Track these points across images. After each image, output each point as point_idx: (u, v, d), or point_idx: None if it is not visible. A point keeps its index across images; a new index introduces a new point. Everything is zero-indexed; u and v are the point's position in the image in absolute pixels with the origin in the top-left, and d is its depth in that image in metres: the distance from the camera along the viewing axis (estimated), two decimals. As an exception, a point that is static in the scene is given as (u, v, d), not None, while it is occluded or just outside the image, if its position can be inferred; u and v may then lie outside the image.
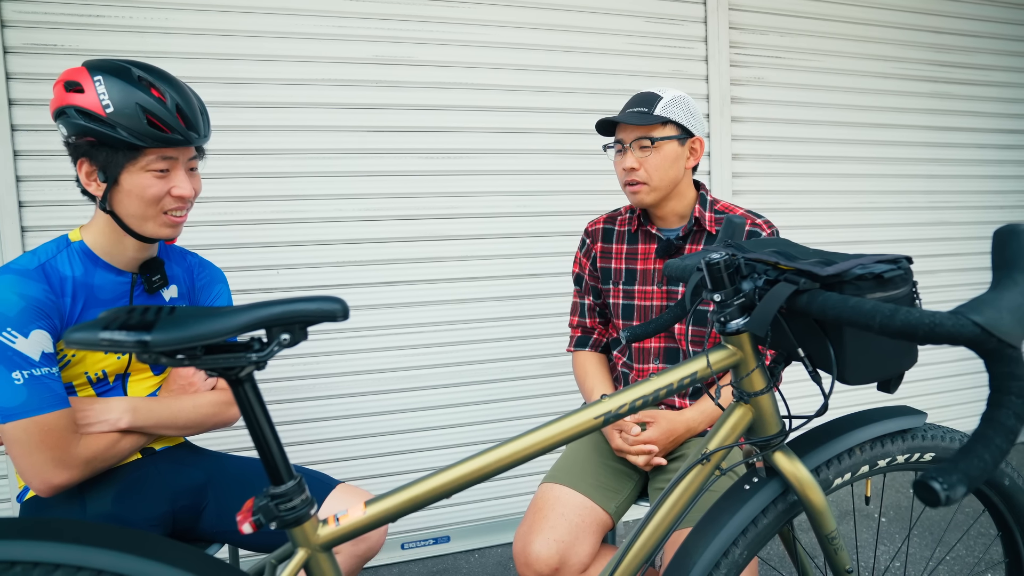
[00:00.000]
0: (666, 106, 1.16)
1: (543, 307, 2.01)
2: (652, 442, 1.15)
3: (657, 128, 1.17)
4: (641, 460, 1.15)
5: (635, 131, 1.17)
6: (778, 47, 2.24)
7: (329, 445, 1.86)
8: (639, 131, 1.17)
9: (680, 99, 1.18)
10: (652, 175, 1.18)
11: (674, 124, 1.17)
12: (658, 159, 1.17)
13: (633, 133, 1.18)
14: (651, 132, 1.16)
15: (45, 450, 0.89)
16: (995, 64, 2.55)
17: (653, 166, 1.17)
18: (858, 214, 2.41)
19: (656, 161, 1.17)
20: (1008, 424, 0.48)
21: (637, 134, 1.17)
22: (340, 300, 0.60)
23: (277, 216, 1.77)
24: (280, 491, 0.62)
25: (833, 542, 0.81)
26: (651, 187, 1.19)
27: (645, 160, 1.17)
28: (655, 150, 1.17)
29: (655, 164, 1.17)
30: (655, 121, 1.15)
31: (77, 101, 0.89)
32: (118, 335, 0.52)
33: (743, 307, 0.72)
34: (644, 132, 1.17)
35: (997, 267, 0.54)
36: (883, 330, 0.54)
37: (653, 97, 1.18)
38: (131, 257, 1.01)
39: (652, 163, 1.17)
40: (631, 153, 1.18)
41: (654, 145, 1.16)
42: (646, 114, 1.16)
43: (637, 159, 1.18)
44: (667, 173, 1.18)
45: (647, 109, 1.16)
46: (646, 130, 1.17)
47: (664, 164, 1.17)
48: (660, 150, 1.17)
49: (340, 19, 1.78)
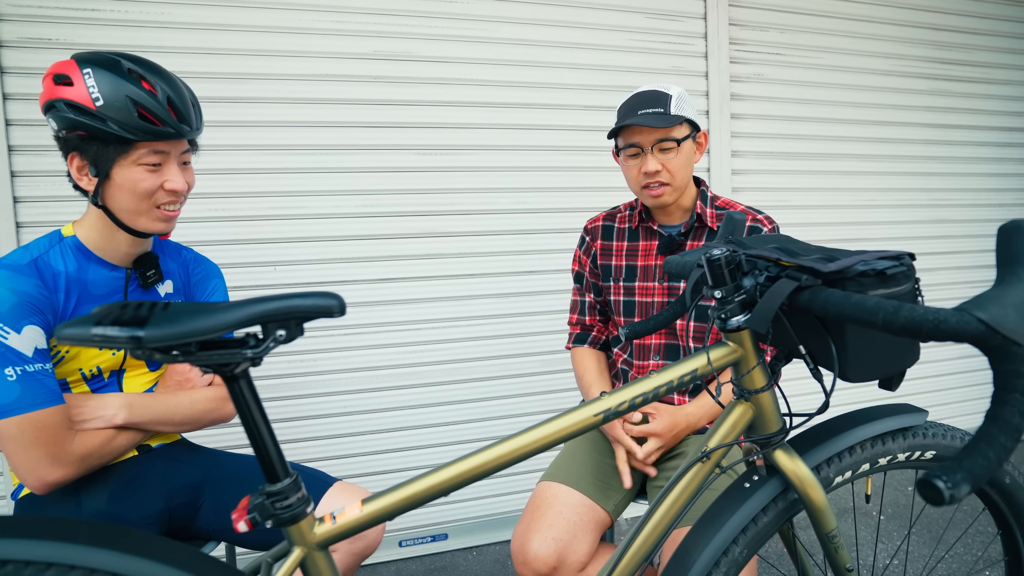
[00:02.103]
0: (678, 104, 1.14)
1: (542, 304, 2.01)
2: (655, 434, 1.14)
3: (676, 128, 1.14)
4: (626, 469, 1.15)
5: (655, 133, 1.13)
6: (778, 44, 2.23)
7: (326, 442, 1.85)
8: (660, 133, 1.13)
9: (684, 95, 1.17)
10: (675, 175, 1.16)
11: (687, 121, 1.16)
12: (681, 159, 1.15)
13: (653, 136, 1.14)
14: (672, 133, 1.14)
15: (39, 447, 0.88)
16: (995, 62, 2.55)
17: (676, 167, 1.15)
18: (858, 211, 2.40)
19: (679, 162, 1.15)
20: (1013, 422, 0.47)
21: (658, 136, 1.13)
22: (337, 296, 0.59)
23: (274, 212, 1.76)
24: (276, 489, 0.62)
25: (833, 540, 0.80)
26: (674, 187, 1.17)
27: (668, 161, 1.15)
28: (678, 150, 1.15)
29: (678, 165, 1.15)
30: (675, 122, 1.12)
31: (66, 94, 0.88)
32: (111, 331, 0.51)
33: (744, 304, 0.71)
34: (665, 134, 1.13)
35: (1002, 263, 0.53)
36: (886, 327, 0.53)
37: (663, 96, 1.15)
38: (125, 252, 1.00)
39: (675, 164, 1.15)
40: (651, 156, 1.14)
41: (679, 146, 1.15)
42: (664, 115, 1.13)
43: (660, 161, 1.15)
44: (687, 171, 1.18)
45: (663, 110, 1.13)
46: (667, 132, 1.13)
47: (686, 163, 1.17)
48: (682, 150, 1.15)
49: (339, 14, 1.77)
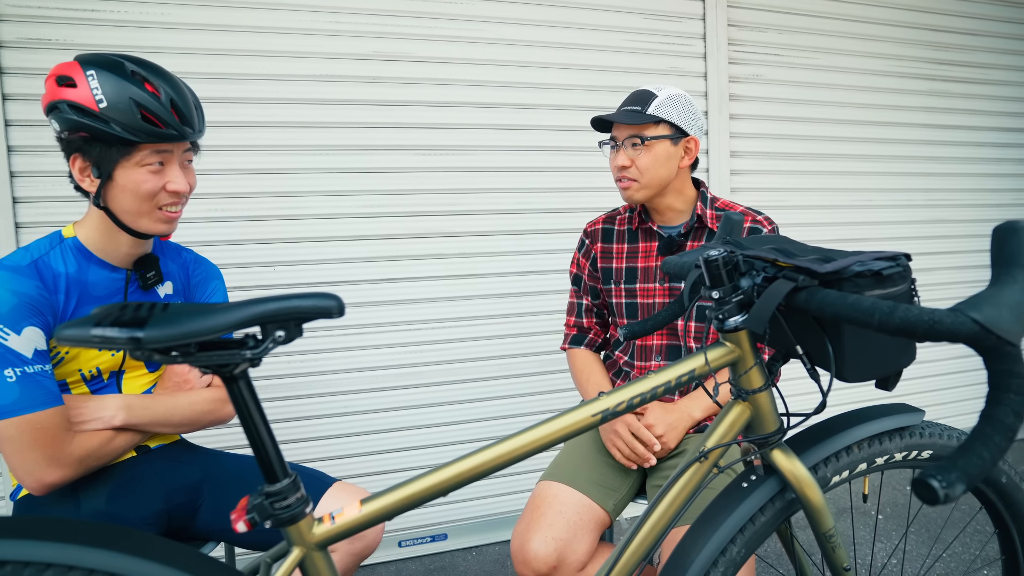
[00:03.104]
0: (660, 105, 1.16)
1: (541, 304, 2.01)
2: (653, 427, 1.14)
3: (649, 127, 1.17)
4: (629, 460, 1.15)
5: (627, 129, 1.18)
6: (777, 45, 2.24)
7: (326, 443, 1.85)
8: (631, 129, 1.18)
9: (676, 98, 1.18)
10: (642, 173, 1.18)
11: (667, 123, 1.17)
12: (649, 158, 1.17)
13: (626, 131, 1.19)
14: (642, 131, 1.17)
15: (38, 448, 0.88)
16: (993, 63, 2.55)
17: (644, 165, 1.18)
18: (856, 212, 2.41)
19: (647, 160, 1.17)
20: (1007, 422, 0.48)
21: (629, 132, 1.18)
22: (336, 297, 0.59)
23: (274, 213, 1.76)
24: (275, 489, 0.62)
25: (831, 540, 0.81)
26: (640, 184, 1.19)
27: (636, 158, 1.18)
28: (646, 149, 1.17)
29: (646, 163, 1.18)
30: (647, 120, 1.15)
31: (70, 96, 0.88)
32: (110, 332, 0.51)
33: (741, 304, 0.71)
34: (635, 131, 1.17)
35: (996, 264, 0.53)
36: (882, 327, 0.54)
37: (648, 95, 1.17)
38: (125, 253, 1.01)
39: (643, 162, 1.18)
40: (623, 151, 1.19)
41: (644, 144, 1.17)
42: (638, 113, 1.16)
43: (629, 157, 1.18)
44: (658, 172, 1.18)
45: (640, 108, 1.17)
46: (637, 129, 1.17)
47: (655, 163, 1.18)
48: (651, 149, 1.17)
49: (338, 15, 1.77)
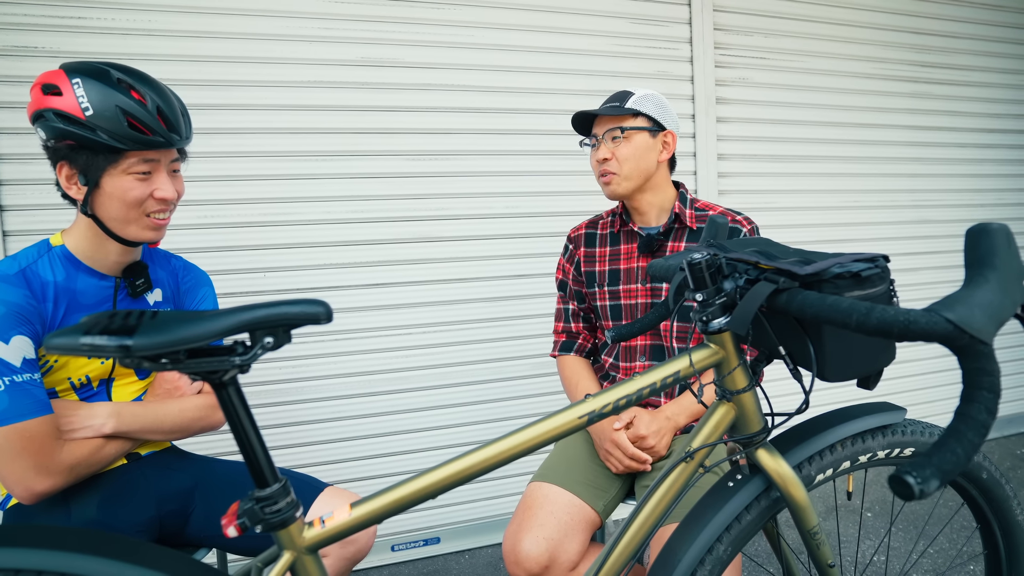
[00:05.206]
0: (637, 100, 1.22)
1: (531, 308, 2.02)
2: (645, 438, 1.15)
3: (628, 119, 1.22)
4: (622, 465, 1.16)
5: (607, 123, 1.23)
6: (762, 48, 2.26)
7: (317, 448, 1.85)
8: (611, 122, 1.22)
9: (652, 96, 1.25)
10: (623, 165, 1.22)
11: (645, 117, 1.23)
12: (629, 149, 1.22)
13: (605, 125, 1.23)
14: (622, 122, 1.22)
15: (27, 457, 0.88)
16: (974, 64, 2.60)
17: (624, 156, 1.22)
18: (842, 213, 2.44)
19: (627, 151, 1.22)
20: (980, 418, 0.49)
21: (609, 125, 1.22)
22: (323, 303, 0.60)
23: (263, 219, 1.76)
24: (265, 494, 0.62)
25: (815, 537, 0.82)
26: (622, 176, 1.23)
27: (616, 150, 1.22)
28: (626, 140, 1.22)
29: (626, 154, 1.22)
30: (626, 112, 1.21)
31: (55, 104, 0.88)
32: (99, 340, 0.52)
33: (725, 306, 0.73)
34: (615, 123, 1.22)
35: (969, 265, 0.55)
36: (859, 328, 0.55)
37: (626, 94, 1.25)
38: (114, 261, 1.00)
39: (623, 153, 1.22)
40: (604, 144, 1.24)
41: (624, 135, 1.21)
42: (617, 107, 1.22)
43: (609, 149, 1.23)
44: (638, 163, 1.23)
45: (619, 103, 1.23)
46: (617, 120, 1.22)
47: (635, 154, 1.22)
48: (631, 140, 1.22)
49: (326, 21, 1.78)
